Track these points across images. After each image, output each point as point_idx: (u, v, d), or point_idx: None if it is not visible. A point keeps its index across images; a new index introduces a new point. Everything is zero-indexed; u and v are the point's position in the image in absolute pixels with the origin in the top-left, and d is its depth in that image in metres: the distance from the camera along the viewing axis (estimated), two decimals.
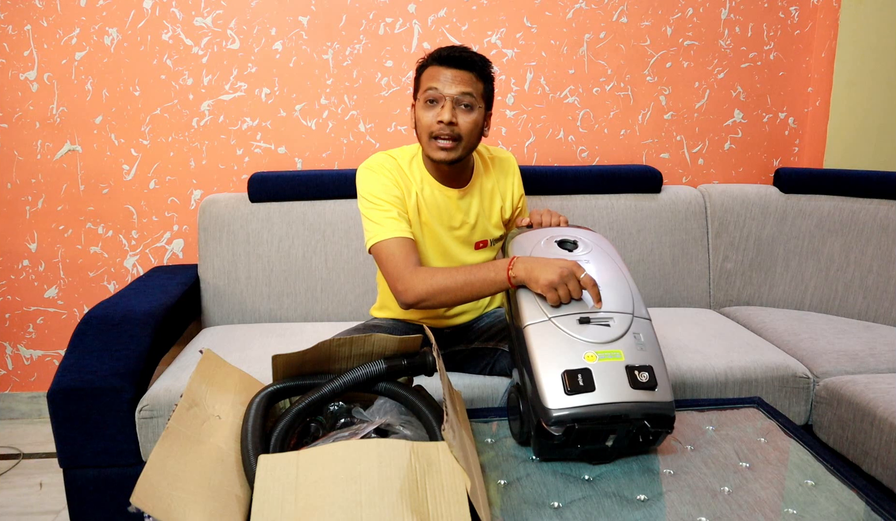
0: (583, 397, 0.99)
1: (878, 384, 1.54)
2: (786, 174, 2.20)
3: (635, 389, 1.00)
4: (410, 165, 1.45)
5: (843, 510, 0.94)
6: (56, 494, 1.82)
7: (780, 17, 2.32)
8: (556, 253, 1.20)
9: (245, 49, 2.14)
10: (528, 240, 1.26)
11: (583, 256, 1.19)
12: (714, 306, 2.19)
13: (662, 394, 1.02)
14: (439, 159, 1.37)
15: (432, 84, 1.34)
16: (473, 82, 1.35)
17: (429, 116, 1.35)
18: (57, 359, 2.27)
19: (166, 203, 2.20)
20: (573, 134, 2.32)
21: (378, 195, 1.39)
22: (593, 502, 0.95)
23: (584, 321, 1.06)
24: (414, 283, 1.28)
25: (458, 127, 1.34)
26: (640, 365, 1.02)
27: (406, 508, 0.76)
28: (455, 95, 1.33)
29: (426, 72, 1.38)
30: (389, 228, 1.35)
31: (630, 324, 1.08)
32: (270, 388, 1.01)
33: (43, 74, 2.09)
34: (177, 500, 0.76)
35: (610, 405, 0.99)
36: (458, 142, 1.35)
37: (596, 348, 1.03)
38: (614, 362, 1.02)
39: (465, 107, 1.34)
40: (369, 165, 1.43)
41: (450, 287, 1.24)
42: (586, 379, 1.00)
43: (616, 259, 1.21)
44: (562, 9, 2.23)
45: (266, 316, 2.03)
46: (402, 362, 1.03)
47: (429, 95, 1.34)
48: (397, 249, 1.32)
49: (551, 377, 1.01)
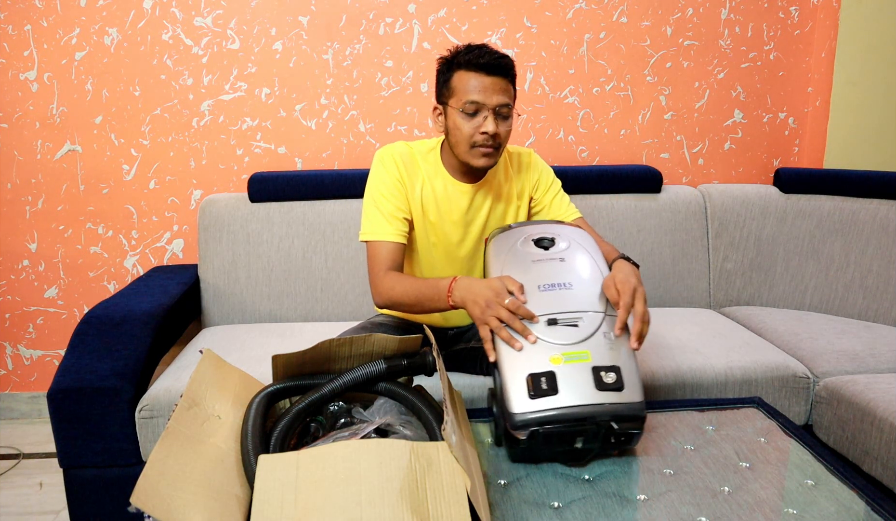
0: (546, 401, 0.99)
1: (878, 384, 1.54)
2: (786, 174, 2.20)
3: (601, 390, 0.99)
4: (426, 157, 1.47)
5: (843, 510, 0.94)
6: (56, 494, 1.82)
7: (780, 17, 2.32)
8: (532, 252, 1.18)
9: (245, 49, 2.14)
10: (505, 240, 1.23)
11: (558, 254, 1.17)
12: (714, 306, 2.19)
13: (630, 395, 1.00)
14: (482, 166, 1.38)
15: (473, 97, 1.32)
16: (510, 90, 1.35)
17: (470, 127, 1.34)
18: (57, 359, 2.27)
19: (166, 203, 2.20)
20: (573, 134, 2.32)
21: (380, 192, 1.42)
22: (593, 502, 0.95)
23: (552, 322, 1.05)
24: (381, 289, 1.36)
25: (500, 137, 1.35)
26: (607, 366, 1.01)
27: (406, 508, 0.76)
28: (496, 106, 1.33)
29: (460, 76, 1.34)
30: (380, 229, 1.40)
31: (601, 323, 1.06)
32: (270, 388, 1.01)
33: (43, 74, 2.09)
34: (177, 500, 0.76)
35: (574, 408, 0.98)
36: (498, 150, 1.37)
37: (562, 349, 1.02)
38: (581, 363, 1.01)
39: (503, 117, 1.35)
40: (382, 157, 1.45)
41: (404, 303, 1.32)
42: (550, 382, 0.99)
43: (595, 255, 1.19)
44: (562, 9, 2.23)
45: (266, 316, 2.03)
46: (402, 362, 1.03)
47: (470, 108, 1.33)
48: (379, 253, 1.39)
49: (516, 381, 1.01)
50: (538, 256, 1.17)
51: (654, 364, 1.64)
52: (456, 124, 1.35)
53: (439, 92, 1.40)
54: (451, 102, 1.36)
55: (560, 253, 1.17)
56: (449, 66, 1.37)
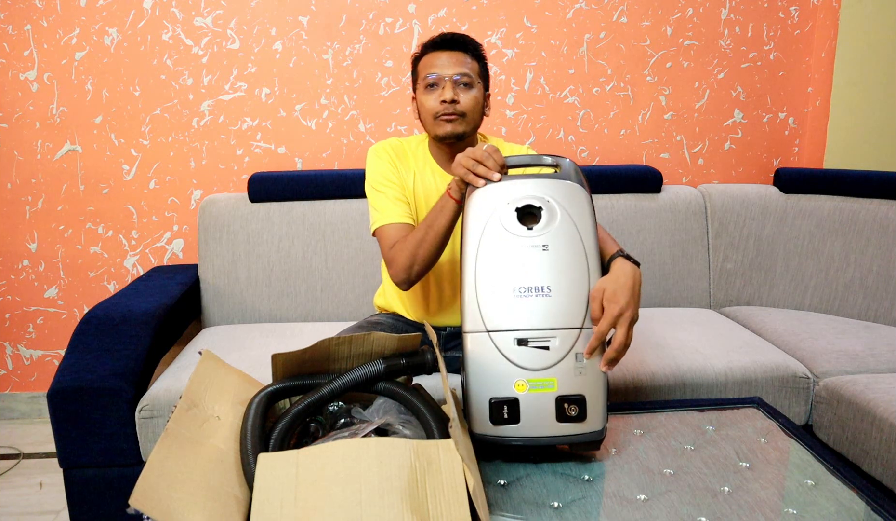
0: (507, 429, 1.01)
1: (878, 384, 1.54)
2: (786, 174, 2.20)
3: (562, 422, 1.00)
4: (416, 151, 1.52)
5: (843, 510, 0.94)
6: (56, 494, 1.82)
7: (780, 17, 2.32)
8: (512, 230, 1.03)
9: (245, 49, 2.14)
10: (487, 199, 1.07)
11: (541, 238, 1.02)
12: (714, 306, 2.19)
13: (591, 424, 1.01)
14: (446, 133, 1.41)
15: (430, 70, 1.41)
16: (469, 62, 1.42)
17: (431, 100, 1.41)
18: (57, 359, 2.27)
19: (166, 203, 2.20)
20: (573, 134, 2.32)
21: (379, 181, 1.46)
22: (593, 502, 0.95)
23: (522, 343, 1.00)
24: (396, 259, 1.36)
25: (460, 104, 1.39)
26: (571, 396, 1.00)
27: (406, 507, 0.76)
28: (453, 75, 1.39)
29: (422, 61, 1.45)
30: (386, 213, 1.43)
31: (574, 342, 1.00)
32: (270, 388, 1.01)
33: (43, 74, 2.09)
34: (176, 501, 0.76)
35: (532, 439, 1.01)
36: (463, 118, 1.41)
37: (528, 375, 1.00)
38: (545, 392, 1.00)
39: (464, 85, 1.40)
40: (375, 149, 1.51)
41: (419, 240, 1.31)
42: (512, 411, 1.00)
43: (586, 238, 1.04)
44: (562, 9, 2.23)
45: (266, 316, 2.03)
46: (402, 361, 1.03)
47: (428, 81, 1.41)
48: (388, 235, 1.41)
49: (479, 401, 1.01)
50: (518, 241, 1.02)
51: (654, 364, 1.64)
52: (421, 101, 1.44)
53: (413, 83, 1.50)
54: (418, 84, 1.45)
55: (544, 236, 1.02)
56: (417, 57, 1.47)
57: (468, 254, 1.05)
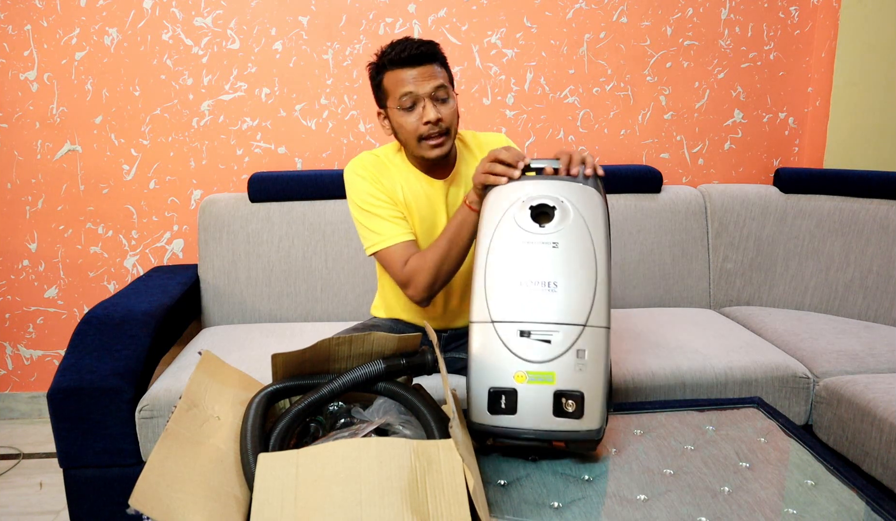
0: (503, 419, 1.01)
1: (878, 384, 1.54)
2: (786, 174, 2.20)
3: (559, 417, 1.00)
4: (394, 160, 1.46)
5: (843, 510, 0.94)
6: (56, 494, 1.82)
7: (780, 17, 2.32)
8: (525, 227, 1.07)
9: (245, 49, 2.14)
10: (504, 196, 1.12)
11: (552, 236, 1.05)
12: (714, 306, 2.19)
13: (589, 422, 1.01)
14: (435, 157, 1.38)
15: (405, 89, 1.33)
16: (439, 72, 1.35)
17: (412, 121, 1.35)
18: (57, 359, 2.27)
19: (166, 203, 2.20)
20: (573, 134, 2.32)
21: (368, 202, 1.41)
22: (593, 502, 0.95)
23: (524, 334, 1.02)
24: (416, 278, 1.34)
25: (444, 121, 1.35)
26: (570, 391, 1.00)
27: (406, 507, 0.76)
28: (430, 92, 1.33)
29: (389, 76, 1.35)
30: (388, 234, 1.39)
31: (576, 338, 1.01)
32: (270, 388, 1.01)
33: (43, 74, 2.09)
34: (176, 501, 0.76)
35: (528, 431, 1.01)
36: (448, 135, 1.37)
37: (528, 367, 1.01)
38: (544, 385, 1.01)
39: (441, 101, 1.35)
40: (353, 168, 1.45)
41: (441, 257, 1.31)
42: (510, 402, 1.01)
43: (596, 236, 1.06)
44: (562, 9, 2.23)
45: (266, 316, 2.03)
46: (402, 361, 1.03)
47: (405, 102, 1.34)
48: (395, 255, 1.38)
49: (479, 390, 1.02)
50: (529, 237, 1.06)
51: (654, 364, 1.64)
52: (399, 123, 1.37)
53: (377, 98, 1.42)
54: (389, 103, 1.37)
55: (555, 234, 1.05)
56: (378, 71, 1.38)
57: (481, 246, 1.09)
